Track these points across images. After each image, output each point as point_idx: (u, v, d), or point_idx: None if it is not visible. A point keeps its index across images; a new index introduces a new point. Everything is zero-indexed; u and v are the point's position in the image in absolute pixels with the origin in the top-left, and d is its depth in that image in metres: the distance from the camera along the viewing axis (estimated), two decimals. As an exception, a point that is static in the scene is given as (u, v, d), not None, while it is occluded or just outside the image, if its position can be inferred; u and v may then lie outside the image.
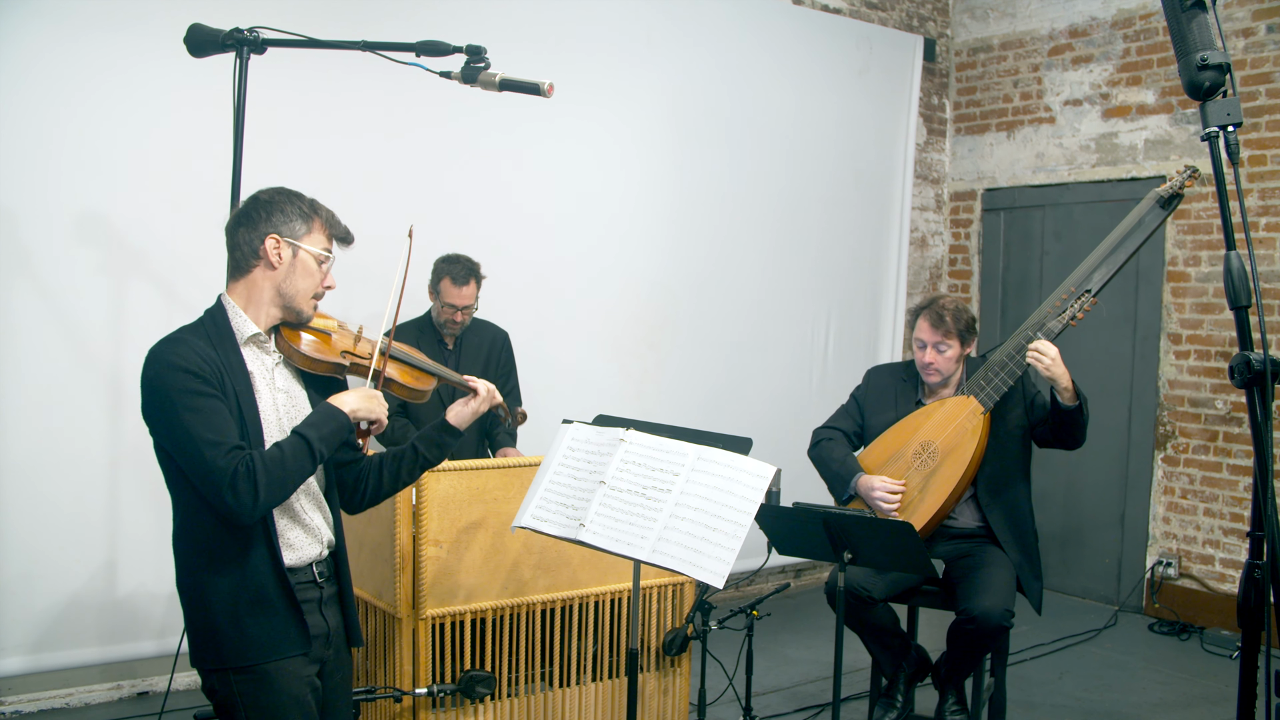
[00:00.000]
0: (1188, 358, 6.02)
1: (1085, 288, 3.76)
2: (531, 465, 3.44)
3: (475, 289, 4.47)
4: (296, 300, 2.45)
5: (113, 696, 4.44)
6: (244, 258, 2.43)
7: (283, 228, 2.42)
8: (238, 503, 2.23)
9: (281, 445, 2.32)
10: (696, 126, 5.77)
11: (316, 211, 2.49)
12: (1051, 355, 3.64)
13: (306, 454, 2.32)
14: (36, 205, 4.03)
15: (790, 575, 6.53)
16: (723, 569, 2.53)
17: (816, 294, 6.37)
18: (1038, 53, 6.75)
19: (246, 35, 3.06)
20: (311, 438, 2.34)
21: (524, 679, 3.55)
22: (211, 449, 2.23)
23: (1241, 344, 2.18)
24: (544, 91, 3.06)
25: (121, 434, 4.20)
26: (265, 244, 2.40)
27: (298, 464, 2.31)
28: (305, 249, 2.44)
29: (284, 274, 2.42)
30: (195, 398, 2.26)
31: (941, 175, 7.27)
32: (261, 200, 2.45)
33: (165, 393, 2.27)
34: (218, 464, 2.22)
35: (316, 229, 2.47)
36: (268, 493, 2.26)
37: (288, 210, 2.43)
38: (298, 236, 2.43)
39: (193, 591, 2.38)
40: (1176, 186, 3.73)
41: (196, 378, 2.27)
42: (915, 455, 3.85)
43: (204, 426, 2.25)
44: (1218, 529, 5.88)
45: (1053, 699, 4.83)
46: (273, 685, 2.37)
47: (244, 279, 2.44)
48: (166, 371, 2.28)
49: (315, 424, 2.37)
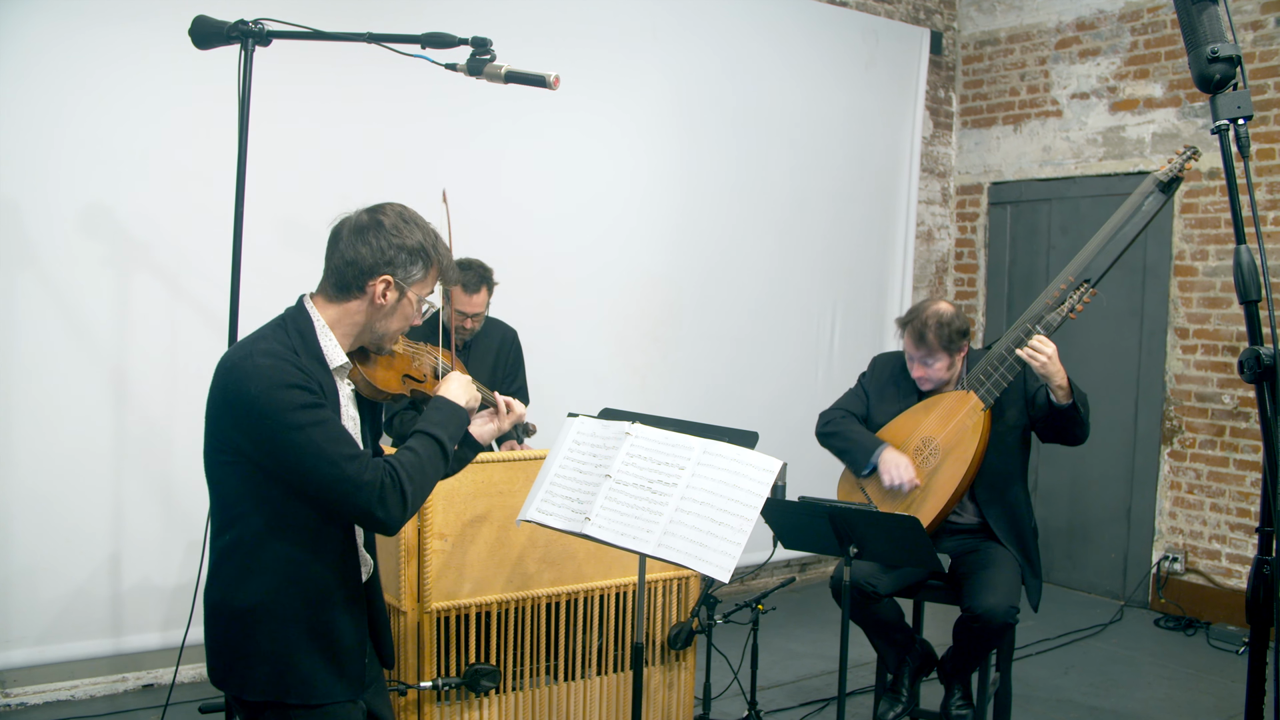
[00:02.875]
0: (1195, 352, 6.00)
1: (1084, 277, 3.69)
2: (537, 459, 3.44)
3: (486, 296, 4.41)
4: (384, 341, 2.34)
5: (118, 689, 4.44)
6: (345, 284, 2.24)
7: (399, 270, 2.25)
8: (388, 515, 2.13)
9: (414, 449, 2.22)
10: (702, 120, 5.76)
11: (438, 256, 2.32)
12: (1048, 353, 3.56)
13: (440, 456, 2.26)
14: (41, 198, 4.03)
15: (795, 569, 6.52)
16: (728, 563, 2.52)
17: (822, 288, 6.35)
18: (1045, 46, 6.72)
19: (251, 27, 3.05)
20: (443, 439, 2.26)
21: (529, 673, 3.55)
22: (350, 463, 2.10)
23: (1251, 338, 2.17)
24: (549, 84, 3.06)
25: (126, 427, 4.20)
26: (376, 285, 2.24)
27: (434, 467, 2.24)
28: (411, 296, 2.29)
29: (382, 316, 2.28)
30: (315, 411, 2.10)
31: (948, 169, 7.24)
32: (386, 226, 2.25)
33: (279, 412, 2.07)
34: (364, 478, 2.10)
35: (431, 276, 2.31)
36: (415, 499, 2.17)
37: (411, 248, 2.26)
38: (410, 282, 2.28)
39: (249, 615, 2.18)
40: (1176, 169, 3.65)
41: (309, 392, 2.11)
42: (917, 452, 3.82)
43: (335, 441, 2.11)
44: (1224, 524, 5.87)
45: (1058, 694, 4.82)
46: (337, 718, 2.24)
47: (339, 304, 2.26)
48: (275, 389, 2.08)
49: (441, 423, 2.29)
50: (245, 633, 2.19)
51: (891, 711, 3.96)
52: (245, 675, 2.19)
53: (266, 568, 2.17)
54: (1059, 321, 3.65)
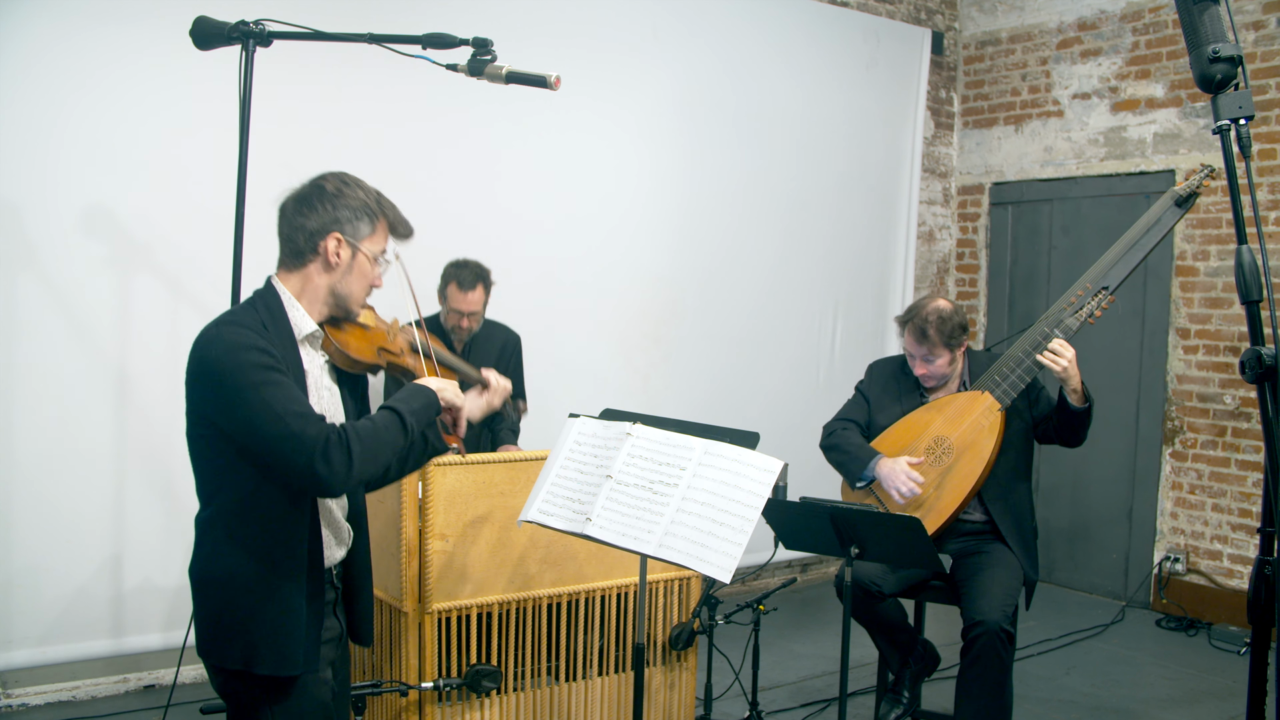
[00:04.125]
0: (1196, 352, 6.00)
1: (1103, 284, 3.74)
2: (538, 459, 3.43)
3: (483, 294, 4.43)
4: (349, 302, 2.38)
5: (119, 689, 4.45)
6: (299, 249, 2.32)
7: (346, 226, 2.31)
8: (330, 471, 2.12)
9: (372, 418, 2.25)
10: (703, 120, 5.76)
11: (383, 210, 2.38)
12: (1069, 357, 3.62)
13: (399, 426, 2.25)
14: (42, 199, 4.03)
15: (797, 570, 6.52)
16: (730, 563, 2.52)
17: (823, 288, 6.35)
18: (1046, 46, 6.72)
19: (252, 28, 3.05)
20: (402, 410, 2.27)
21: (530, 673, 3.55)
22: (298, 419, 2.12)
23: (1253, 339, 2.17)
24: (551, 84, 3.06)
25: (127, 427, 4.21)
26: (326, 242, 2.30)
27: (390, 435, 2.24)
28: (365, 252, 2.35)
29: (340, 275, 2.33)
30: (271, 372, 2.15)
31: (949, 169, 7.24)
32: (328, 191, 2.33)
33: (235, 372, 2.13)
34: (308, 432, 2.11)
35: (380, 230, 2.37)
36: (361, 461, 2.17)
37: (354, 206, 2.33)
38: (360, 237, 2.33)
39: (223, 588, 2.25)
40: (1194, 186, 3.71)
41: (267, 354, 2.16)
42: (929, 450, 3.82)
43: (287, 399, 2.13)
44: (1226, 524, 5.86)
45: (1060, 694, 4.82)
46: (305, 693, 2.30)
47: (298, 272, 2.33)
48: (234, 351, 2.15)
49: (404, 399, 2.30)
50: (220, 604, 2.26)
51: (893, 712, 3.96)
52: (220, 646, 2.26)
53: (239, 541, 2.23)
54: (1077, 326, 3.71)
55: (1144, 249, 3.75)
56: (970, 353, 3.98)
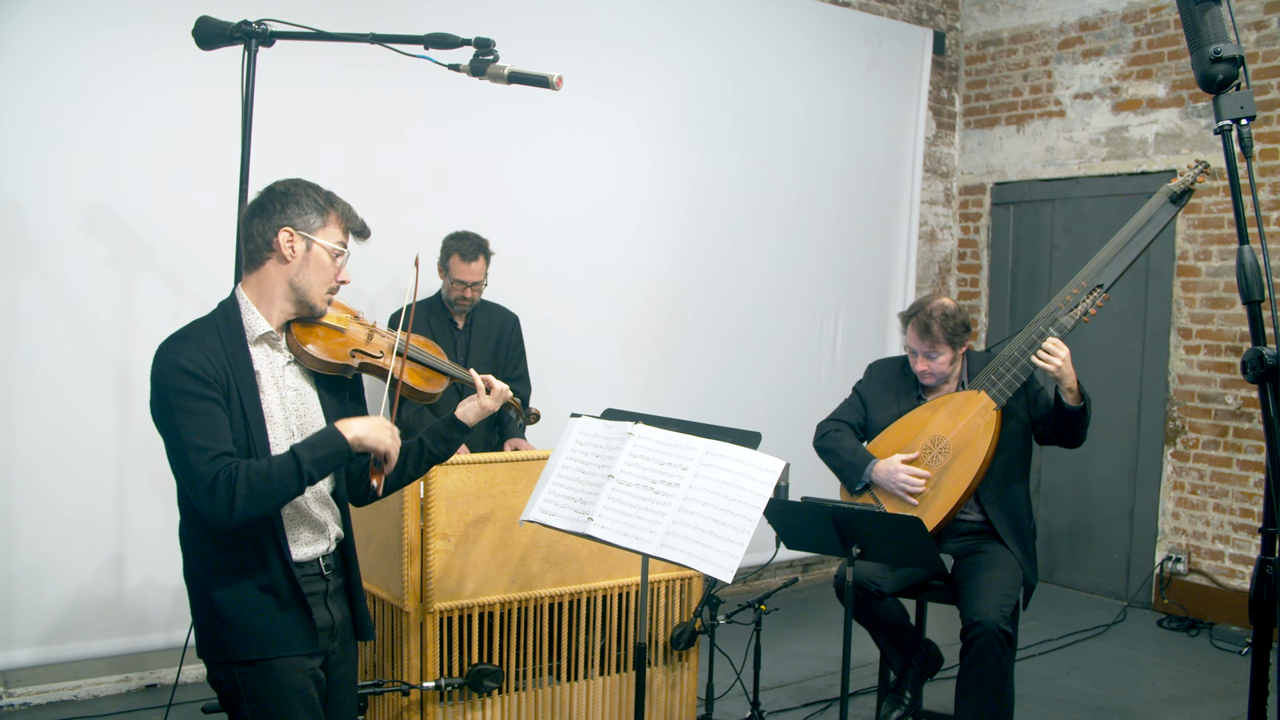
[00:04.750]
0: (1198, 352, 6.00)
1: (1097, 282, 3.73)
2: (540, 459, 3.44)
3: (484, 265, 4.49)
4: (309, 295, 2.43)
5: (121, 689, 4.45)
6: (257, 250, 2.40)
7: (297, 220, 2.39)
8: (213, 509, 2.22)
9: (271, 460, 2.28)
10: (705, 120, 5.76)
11: (333, 204, 2.46)
12: (1062, 356, 3.61)
13: (294, 474, 2.27)
14: (44, 199, 4.03)
15: (799, 570, 6.52)
16: (731, 563, 2.52)
17: (825, 288, 6.35)
18: (1048, 46, 6.72)
19: (255, 28, 3.05)
20: (304, 458, 2.29)
21: (532, 673, 3.55)
22: (196, 453, 2.23)
23: (1254, 339, 2.17)
24: (553, 84, 3.06)
25: (130, 427, 4.21)
26: (279, 236, 2.37)
27: (282, 483, 2.26)
28: (319, 243, 2.41)
29: (296, 267, 2.40)
30: (192, 400, 2.26)
31: (951, 169, 7.24)
32: (277, 191, 2.42)
33: (165, 392, 2.28)
34: (199, 469, 2.22)
35: (332, 222, 2.44)
36: (244, 504, 2.22)
37: (303, 202, 2.41)
38: (312, 230, 2.40)
39: (200, 584, 2.38)
40: (1188, 182, 3.71)
41: (197, 380, 2.26)
42: (926, 450, 3.82)
43: (194, 430, 2.24)
44: (1227, 524, 5.86)
45: (1061, 694, 4.82)
46: (276, 678, 2.37)
47: (256, 272, 2.42)
48: (169, 371, 2.28)
49: (312, 445, 2.32)
50: (198, 598, 2.39)
51: (895, 712, 3.97)
52: (204, 638, 2.40)
53: (205, 537, 2.36)
54: (1072, 325, 3.70)
55: (1138, 246, 3.74)
56: (969, 354, 3.98)
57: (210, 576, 2.36)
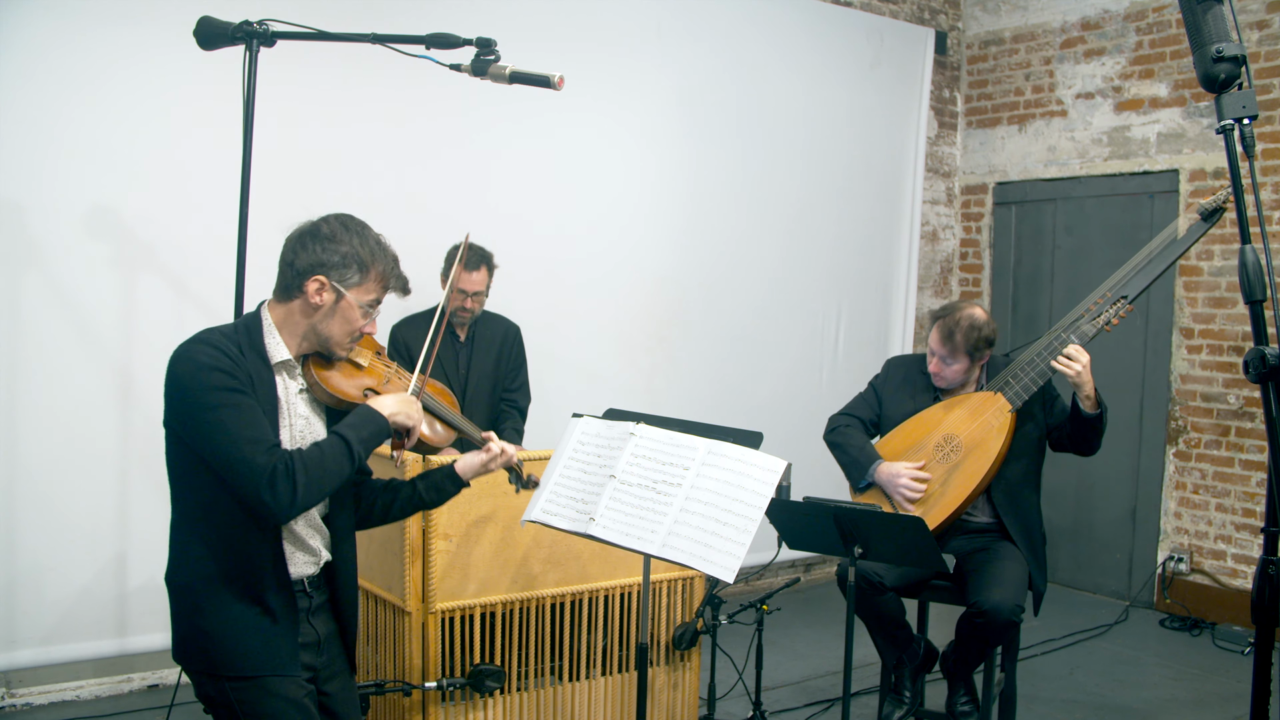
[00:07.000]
0: (1200, 352, 5.99)
1: (1122, 293, 3.75)
2: (541, 459, 3.43)
3: (486, 276, 4.45)
4: (329, 344, 2.41)
5: (122, 689, 4.45)
6: (288, 284, 2.36)
7: (333, 271, 2.33)
8: (275, 500, 2.18)
9: (320, 445, 2.28)
10: (707, 120, 5.76)
11: (375, 261, 2.39)
12: (1083, 362, 3.64)
13: (345, 454, 2.28)
14: (45, 199, 4.04)
15: (800, 570, 6.52)
16: (733, 563, 2.52)
17: (827, 288, 6.35)
18: (1050, 45, 6.71)
19: (256, 28, 3.06)
20: (351, 439, 2.29)
21: (534, 673, 3.55)
22: (250, 445, 2.19)
23: (1257, 338, 2.16)
24: (554, 84, 3.06)
25: (131, 427, 4.21)
26: (309, 284, 2.33)
27: (336, 464, 2.27)
28: (350, 299, 2.36)
29: (322, 317, 2.36)
30: (231, 394, 2.22)
31: (953, 169, 7.24)
32: (323, 233, 2.35)
33: (198, 391, 2.22)
34: (257, 460, 2.18)
35: (371, 280, 2.38)
36: (306, 491, 2.21)
37: (345, 253, 2.34)
38: (347, 285, 2.35)
39: (190, 593, 2.34)
40: (1220, 200, 3.72)
41: (230, 376, 2.23)
42: (938, 448, 3.83)
43: (242, 424, 2.21)
44: (1230, 524, 5.86)
45: (1063, 694, 4.82)
46: (272, 692, 2.33)
47: (284, 305, 2.38)
48: (200, 371, 2.23)
49: (355, 425, 2.32)
50: (186, 608, 2.34)
51: (896, 712, 3.96)
52: (189, 649, 2.35)
53: (201, 546, 2.31)
54: (1094, 333, 3.72)
55: (1166, 260, 3.77)
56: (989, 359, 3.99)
57: (203, 585, 2.31)
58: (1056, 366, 3.67)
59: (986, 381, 3.94)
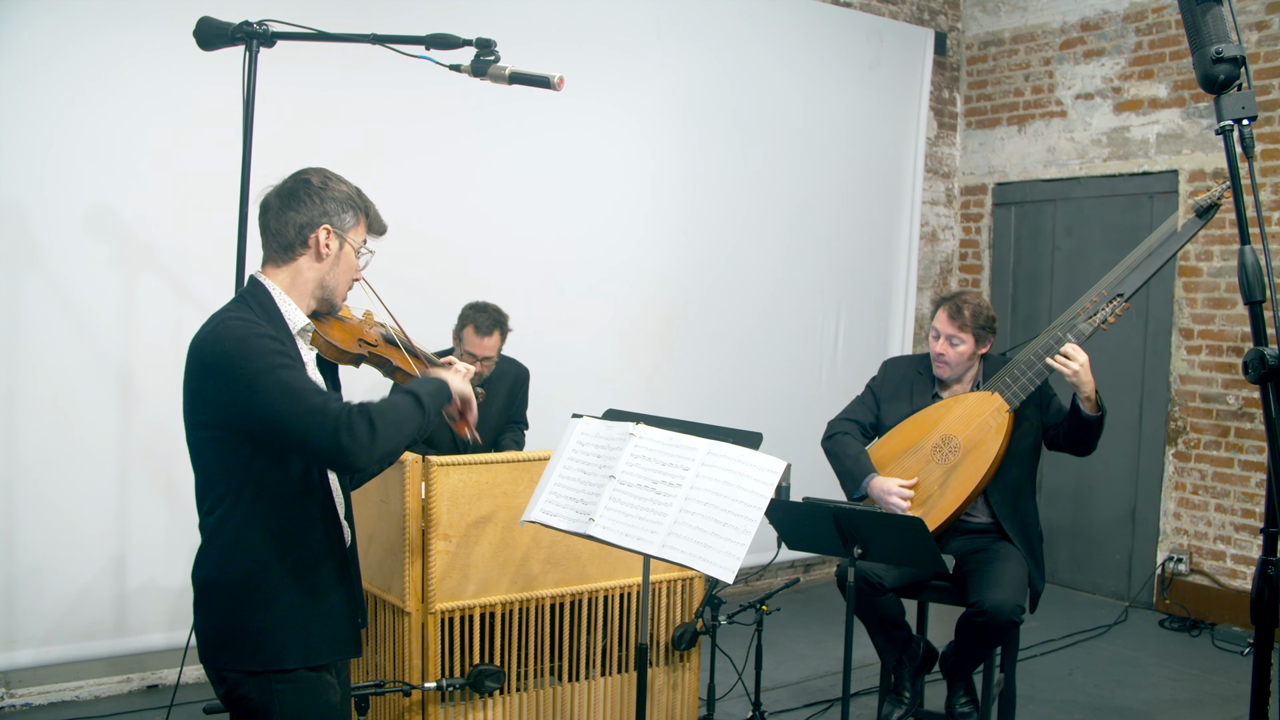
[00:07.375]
0: (1199, 353, 6.00)
1: (1118, 291, 3.75)
2: (541, 460, 3.44)
3: (499, 340, 4.37)
4: (336, 293, 2.41)
5: (122, 689, 4.45)
6: (288, 244, 2.32)
7: (334, 218, 2.34)
8: (354, 442, 2.13)
9: (388, 399, 2.27)
10: (706, 121, 5.76)
11: (365, 205, 2.41)
12: (1080, 361, 3.63)
13: (417, 408, 2.27)
14: (45, 199, 4.04)
15: (800, 570, 6.52)
16: (733, 564, 2.52)
17: (826, 288, 6.35)
18: (1049, 46, 6.72)
19: (256, 28, 3.06)
20: (421, 393, 2.29)
21: (533, 673, 3.55)
22: (318, 396, 2.15)
23: (1256, 339, 2.16)
24: (554, 85, 3.06)
25: (131, 427, 4.21)
26: (318, 234, 2.32)
27: (409, 412, 2.25)
28: (351, 242, 2.38)
29: (329, 266, 2.36)
30: (285, 358, 2.18)
31: (952, 169, 7.24)
32: (314, 185, 2.34)
33: (249, 359, 2.14)
34: (330, 408, 2.14)
35: (363, 221, 2.41)
36: (384, 435, 2.18)
37: (340, 199, 2.35)
38: (346, 229, 2.36)
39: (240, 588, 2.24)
40: (1215, 197, 3.71)
41: (278, 342, 2.20)
42: (935, 449, 3.83)
43: (303, 379, 2.18)
44: (1229, 525, 5.86)
45: (1063, 694, 4.82)
46: (315, 694, 2.29)
47: (287, 266, 2.34)
48: (247, 339, 2.16)
49: (425, 385, 2.33)
50: (236, 607, 2.25)
51: (896, 713, 3.96)
52: (239, 648, 2.24)
53: (253, 542, 2.24)
54: (1090, 332, 3.72)
55: (1161, 258, 3.75)
56: (985, 357, 3.99)
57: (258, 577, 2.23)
58: (1053, 365, 3.67)
59: (984, 381, 3.95)
